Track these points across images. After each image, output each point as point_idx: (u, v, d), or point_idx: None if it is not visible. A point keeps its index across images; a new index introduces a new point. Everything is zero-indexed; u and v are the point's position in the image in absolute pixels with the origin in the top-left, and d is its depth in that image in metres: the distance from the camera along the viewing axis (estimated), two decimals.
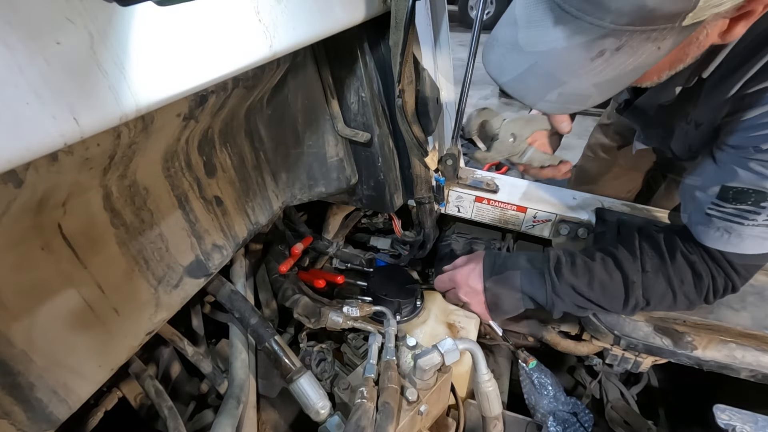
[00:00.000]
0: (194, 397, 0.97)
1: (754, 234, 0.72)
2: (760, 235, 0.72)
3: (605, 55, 0.51)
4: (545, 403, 1.04)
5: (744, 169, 0.68)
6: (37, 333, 0.53)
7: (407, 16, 0.74)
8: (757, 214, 0.69)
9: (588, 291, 0.88)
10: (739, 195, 0.70)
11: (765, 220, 0.69)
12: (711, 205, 0.74)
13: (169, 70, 0.41)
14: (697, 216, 0.79)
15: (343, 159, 1.01)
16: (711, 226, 0.76)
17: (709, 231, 0.77)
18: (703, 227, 0.78)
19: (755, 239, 0.73)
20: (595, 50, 0.50)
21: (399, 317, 1.04)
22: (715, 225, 0.75)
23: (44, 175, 0.45)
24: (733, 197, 0.71)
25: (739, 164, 0.69)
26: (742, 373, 0.95)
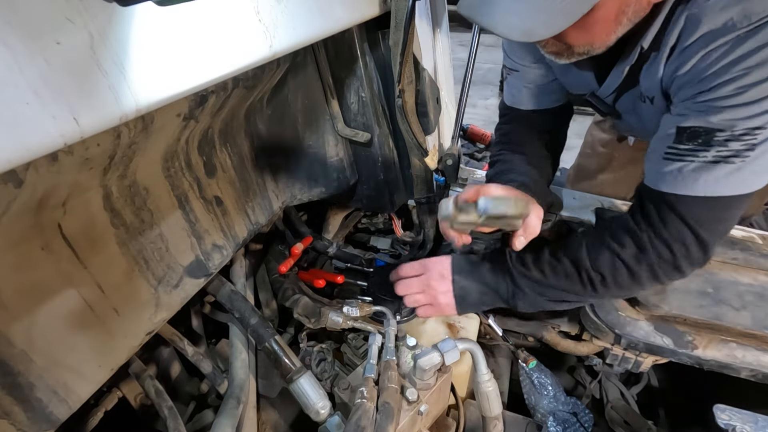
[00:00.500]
0: (194, 397, 0.97)
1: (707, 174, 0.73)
2: (715, 175, 0.73)
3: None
4: (545, 403, 1.04)
5: (694, 111, 0.73)
6: (37, 333, 0.53)
7: (407, 16, 0.74)
8: (707, 151, 0.72)
9: (542, 277, 0.90)
10: (692, 135, 0.73)
11: (715, 155, 0.71)
12: (667, 149, 0.77)
13: (169, 70, 0.41)
14: (654, 162, 0.80)
15: (343, 159, 1.01)
16: (666, 168, 0.77)
17: (665, 175, 0.78)
18: (659, 172, 0.79)
19: (707, 181, 0.73)
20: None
21: (399, 317, 1.04)
22: (670, 167, 0.76)
23: (44, 175, 0.45)
24: (687, 138, 0.74)
25: (689, 108, 0.74)
26: (742, 372, 0.95)
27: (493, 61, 6.50)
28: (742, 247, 1.09)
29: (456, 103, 1.14)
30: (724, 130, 0.70)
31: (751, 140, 0.69)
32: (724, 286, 1.02)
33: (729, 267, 1.08)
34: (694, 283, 1.03)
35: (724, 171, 0.72)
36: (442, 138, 1.20)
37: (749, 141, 0.69)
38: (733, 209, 0.78)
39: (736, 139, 0.69)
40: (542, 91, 1.07)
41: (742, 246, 1.09)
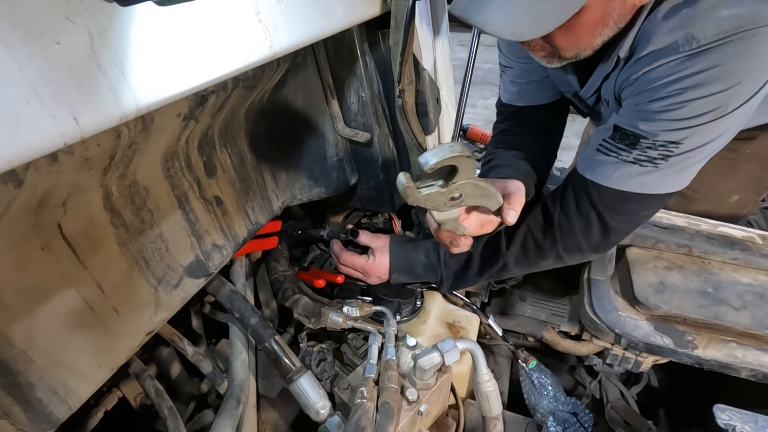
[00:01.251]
0: (194, 397, 0.97)
1: (623, 170, 0.81)
2: (628, 172, 0.81)
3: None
4: (545, 403, 1.04)
5: (631, 116, 0.79)
6: (37, 333, 0.52)
7: (407, 16, 0.74)
8: (629, 152, 0.79)
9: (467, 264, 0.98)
10: (623, 135, 0.80)
11: (635, 157, 0.79)
12: (602, 141, 0.83)
13: (169, 70, 0.41)
14: (588, 150, 0.87)
15: (343, 159, 1.01)
16: (595, 158, 0.84)
17: (592, 163, 0.85)
18: (589, 159, 0.86)
19: (622, 175, 0.81)
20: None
21: (399, 317, 1.04)
22: (598, 157, 0.84)
23: (44, 175, 0.45)
24: (619, 137, 0.80)
25: (628, 112, 0.80)
26: (742, 372, 0.95)
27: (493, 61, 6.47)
28: (742, 247, 1.09)
29: (456, 103, 1.14)
30: (648, 138, 0.77)
31: (667, 152, 0.77)
32: (724, 286, 1.02)
33: (729, 267, 1.08)
34: (694, 283, 1.03)
35: (636, 171, 0.80)
36: (442, 138, 1.20)
37: (665, 152, 0.77)
38: (637, 205, 0.86)
39: (655, 148, 0.77)
40: (536, 88, 1.09)
41: (742, 246, 1.09)
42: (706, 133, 0.75)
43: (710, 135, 0.76)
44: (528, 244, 0.93)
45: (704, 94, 0.70)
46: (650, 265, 1.08)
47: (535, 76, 1.07)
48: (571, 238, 0.90)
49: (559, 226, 0.90)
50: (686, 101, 0.71)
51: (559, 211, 0.90)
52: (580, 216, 0.88)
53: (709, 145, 0.77)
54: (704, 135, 0.75)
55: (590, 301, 1.05)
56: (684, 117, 0.73)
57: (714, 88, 0.70)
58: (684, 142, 0.75)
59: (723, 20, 0.66)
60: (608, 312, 1.02)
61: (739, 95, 0.71)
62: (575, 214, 0.88)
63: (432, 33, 1.04)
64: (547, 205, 0.93)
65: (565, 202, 0.90)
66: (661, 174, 0.79)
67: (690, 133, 0.74)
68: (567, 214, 0.89)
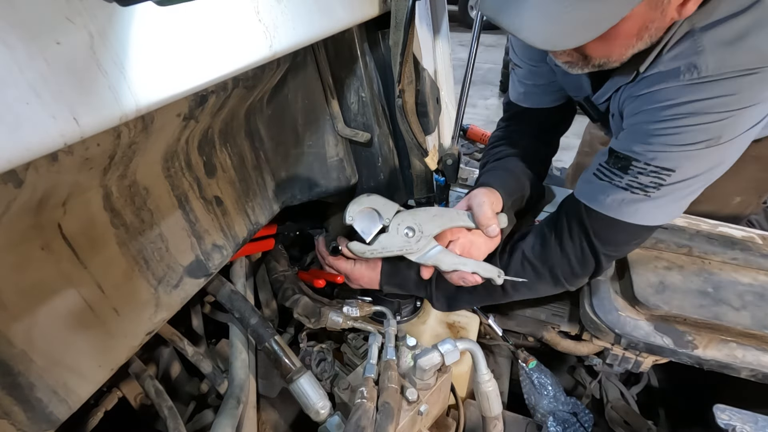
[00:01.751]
0: (194, 397, 0.97)
1: (615, 195, 0.81)
2: (620, 199, 0.81)
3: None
4: (545, 403, 1.04)
5: (627, 136, 0.79)
6: (37, 333, 0.52)
7: (407, 16, 0.74)
8: (621, 177, 0.79)
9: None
10: (617, 159, 0.80)
11: (627, 182, 0.79)
12: (599, 166, 0.84)
13: (169, 70, 0.41)
14: (586, 174, 0.88)
15: (343, 159, 1.01)
16: (591, 182, 0.85)
17: (587, 188, 0.86)
18: (586, 183, 0.87)
19: (613, 201, 0.82)
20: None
21: (399, 317, 1.04)
22: (593, 182, 0.84)
23: (44, 175, 0.45)
24: (614, 161, 0.81)
25: (625, 132, 0.80)
26: (742, 372, 0.95)
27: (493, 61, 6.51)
28: (742, 247, 1.09)
29: (456, 103, 1.14)
30: (640, 161, 0.77)
31: (659, 180, 0.76)
32: (724, 286, 1.02)
33: (729, 267, 1.08)
34: (694, 283, 1.03)
35: (628, 198, 0.80)
36: (442, 138, 1.20)
37: (657, 180, 0.76)
38: (626, 236, 0.86)
39: (647, 174, 0.77)
40: (542, 92, 1.08)
41: (742, 246, 1.09)
42: (698, 161, 0.75)
43: (702, 165, 0.76)
44: (526, 270, 0.93)
45: (699, 122, 0.71)
46: (650, 265, 1.08)
47: (541, 80, 1.06)
48: (567, 266, 0.91)
49: (554, 252, 0.91)
50: (681, 127, 0.72)
51: (554, 238, 0.91)
52: (573, 244, 0.89)
53: (701, 176, 0.77)
54: (696, 163, 0.76)
55: (590, 301, 1.05)
56: (677, 143, 0.73)
57: (708, 117, 0.70)
58: (676, 170, 0.75)
59: (727, 57, 0.67)
60: (608, 312, 1.02)
61: (732, 128, 0.72)
62: (568, 241, 0.89)
63: (432, 33, 1.04)
64: (544, 230, 0.93)
65: (560, 228, 0.91)
66: (652, 204, 0.80)
67: (682, 159, 0.75)
68: (561, 240, 0.90)
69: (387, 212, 0.81)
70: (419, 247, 0.82)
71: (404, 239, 0.81)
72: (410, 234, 0.81)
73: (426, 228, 0.82)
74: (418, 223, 0.81)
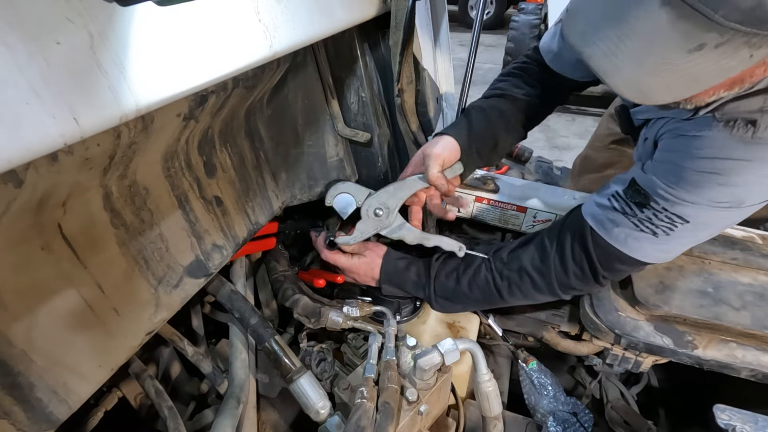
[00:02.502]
0: (194, 397, 0.97)
1: (624, 228, 0.80)
2: (627, 232, 0.80)
3: (703, 50, 0.48)
4: (545, 403, 1.04)
5: (652, 170, 0.76)
6: (37, 333, 0.52)
7: (407, 16, 0.75)
8: (635, 214, 0.78)
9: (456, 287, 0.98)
10: (636, 192, 0.78)
11: (639, 219, 0.77)
12: (614, 193, 0.81)
13: (169, 70, 0.41)
14: (600, 195, 0.86)
15: (343, 159, 1.01)
16: (603, 206, 0.83)
17: (598, 211, 0.84)
18: (596, 205, 0.85)
19: (621, 233, 0.81)
20: (695, 42, 0.48)
21: (399, 317, 1.04)
22: (605, 207, 0.82)
23: (44, 175, 0.45)
24: (632, 193, 0.78)
25: (652, 165, 0.77)
26: (742, 372, 0.95)
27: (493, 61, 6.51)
28: (742, 247, 1.09)
29: (456, 103, 1.14)
30: (659, 203, 0.75)
31: (670, 226, 0.75)
32: (724, 286, 1.02)
33: (729, 267, 1.08)
34: (694, 283, 1.03)
35: (635, 234, 0.79)
36: None
37: (669, 225, 0.76)
38: (624, 266, 0.87)
39: (660, 218, 0.75)
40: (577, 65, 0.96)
41: (742, 246, 1.09)
42: (716, 219, 0.74)
43: (717, 222, 0.75)
44: (523, 280, 0.93)
45: (731, 183, 0.68)
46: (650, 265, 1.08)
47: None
48: (565, 282, 0.91)
49: (554, 268, 0.90)
50: (712, 182, 0.69)
51: (555, 253, 0.90)
52: (574, 263, 0.88)
53: (711, 231, 0.77)
54: (713, 220, 0.74)
55: (590, 301, 1.05)
56: (702, 197, 0.71)
57: (741, 179, 0.68)
58: (691, 221, 0.74)
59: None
60: (608, 312, 1.02)
61: (759, 195, 0.70)
62: (570, 260, 0.88)
63: (432, 33, 1.04)
64: (544, 243, 0.92)
65: (562, 244, 0.89)
66: (656, 244, 0.79)
67: (700, 214, 0.73)
68: (563, 257, 0.89)
69: (359, 196, 0.93)
70: (389, 222, 0.94)
71: (375, 220, 0.93)
72: (380, 212, 0.93)
73: (390, 203, 0.92)
74: (383, 202, 0.92)
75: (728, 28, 0.46)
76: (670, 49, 0.50)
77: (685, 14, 0.47)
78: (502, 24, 8.09)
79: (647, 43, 0.50)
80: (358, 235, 0.95)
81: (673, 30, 0.48)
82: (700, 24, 0.47)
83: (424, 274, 1.00)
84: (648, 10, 0.49)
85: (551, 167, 2.14)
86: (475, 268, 0.96)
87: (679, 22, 0.47)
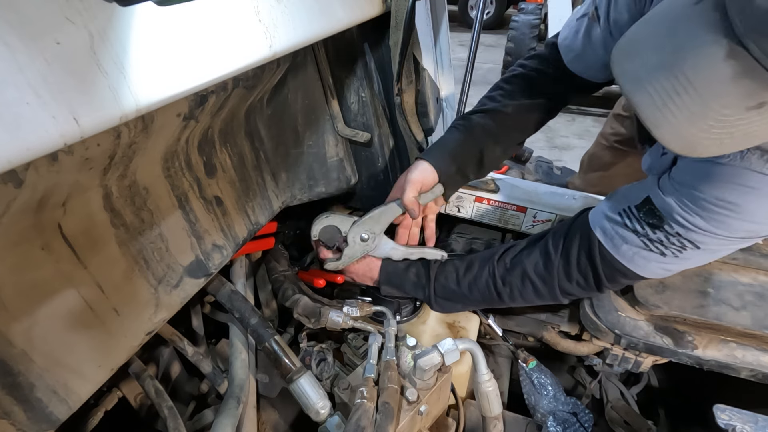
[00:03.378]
0: (194, 397, 0.97)
1: (633, 246, 0.79)
2: (636, 251, 0.79)
3: (762, 109, 0.46)
4: (545, 403, 1.04)
5: (669, 193, 0.73)
6: (37, 333, 0.52)
7: (407, 16, 0.75)
8: (646, 234, 0.77)
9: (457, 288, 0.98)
10: (650, 212, 0.76)
11: (650, 239, 0.76)
12: (627, 209, 0.80)
13: (169, 70, 0.41)
14: (609, 206, 0.83)
15: (343, 159, 1.01)
16: (612, 219, 0.81)
17: (606, 224, 0.82)
18: (605, 217, 0.83)
19: (629, 251, 0.80)
20: (756, 100, 0.45)
21: (399, 317, 1.04)
22: (614, 221, 0.81)
23: (44, 175, 0.45)
24: (646, 211, 0.76)
25: (670, 187, 0.74)
26: (742, 372, 0.95)
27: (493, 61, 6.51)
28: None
29: (456, 103, 1.14)
30: (673, 228, 0.73)
31: (680, 249, 0.75)
32: (724, 286, 1.02)
33: (729, 267, 1.07)
34: (694, 283, 1.03)
35: (644, 252, 0.78)
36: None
37: (679, 249, 0.75)
38: (629, 279, 0.87)
39: (672, 242, 0.74)
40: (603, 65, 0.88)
41: None
42: (726, 247, 0.73)
43: (726, 249, 0.74)
44: (525, 286, 0.93)
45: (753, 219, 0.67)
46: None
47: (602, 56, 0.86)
48: (568, 289, 0.91)
49: (558, 276, 0.89)
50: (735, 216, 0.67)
51: (560, 261, 0.89)
52: (579, 273, 0.87)
53: (717, 254, 0.76)
54: (722, 248, 0.73)
55: (590, 301, 1.05)
56: (718, 228, 0.69)
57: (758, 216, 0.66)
58: (702, 248, 0.73)
59: None
60: (608, 312, 1.02)
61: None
62: (575, 269, 0.87)
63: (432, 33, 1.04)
64: (548, 249, 0.90)
65: (567, 252, 0.88)
66: (662, 263, 0.79)
67: (713, 243, 0.72)
68: (568, 266, 0.88)
69: (344, 226, 0.96)
70: (376, 245, 0.98)
71: (362, 245, 0.97)
72: (365, 237, 0.96)
73: (375, 229, 0.96)
74: (368, 228, 0.96)
75: None
76: (727, 106, 0.47)
77: (750, 69, 0.44)
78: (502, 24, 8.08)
79: (705, 98, 0.47)
80: (347, 259, 0.98)
81: (735, 86, 0.45)
82: (764, 81, 0.44)
83: (423, 275, 1.00)
84: (711, 61, 0.45)
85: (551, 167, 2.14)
86: (476, 270, 0.96)
87: (742, 77, 0.45)
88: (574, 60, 0.91)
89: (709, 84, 0.46)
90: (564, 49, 0.92)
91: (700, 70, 0.46)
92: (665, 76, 0.49)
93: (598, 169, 1.68)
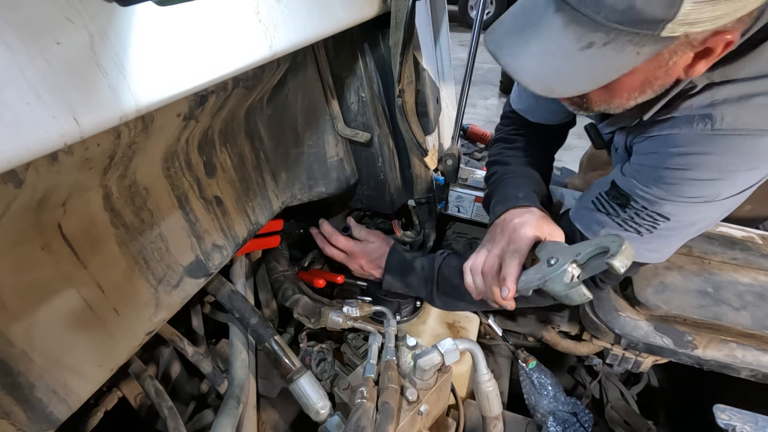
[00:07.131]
0: (194, 397, 0.97)
1: (610, 229, 0.81)
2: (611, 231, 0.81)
3: (593, 48, 0.56)
4: (545, 403, 1.04)
5: (631, 174, 0.79)
6: (37, 333, 0.52)
7: (407, 16, 0.74)
8: (618, 215, 0.80)
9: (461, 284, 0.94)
10: (617, 194, 0.80)
11: (623, 219, 0.79)
12: (598, 194, 0.84)
13: (169, 70, 0.41)
14: (584, 200, 0.88)
15: (343, 159, 1.01)
16: (588, 209, 0.85)
17: (584, 214, 0.86)
18: (582, 208, 0.87)
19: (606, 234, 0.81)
20: (585, 41, 0.56)
21: (399, 317, 1.04)
22: (590, 210, 0.84)
23: (44, 175, 0.45)
24: (614, 194, 0.81)
25: (631, 169, 0.80)
26: (742, 372, 0.95)
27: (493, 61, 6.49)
28: (742, 247, 1.09)
29: (456, 103, 1.14)
30: (638, 202, 0.77)
31: (653, 224, 0.78)
32: (724, 286, 1.02)
33: (729, 267, 1.08)
34: (694, 283, 1.03)
35: (622, 234, 0.79)
36: (442, 138, 1.20)
37: (652, 224, 0.78)
38: None
39: (642, 217, 0.78)
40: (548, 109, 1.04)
41: (742, 246, 1.09)
42: (695, 214, 0.76)
43: (698, 217, 0.76)
44: None
45: (702, 177, 0.70)
46: (650, 264, 1.08)
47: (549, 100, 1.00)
48: None
49: None
50: (685, 178, 0.72)
51: None
52: None
53: (695, 227, 0.78)
54: (692, 216, 0.76)
55: (590, 301, 1.05)
56: (677, 193, 0.73)
57: (712, 174, 0.70)
58: (671, 219, 0.76)
59: (741, 113, 0.65)
60: (608, 312, 1.02)
61: (733, 187, 0.71)
62: None
63: (432, 33, 1.04)
64: None
65: None
66: (643, 244, 0.80)
67: (679, 210, 0.75)
68: None
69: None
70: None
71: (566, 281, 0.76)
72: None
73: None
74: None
75: (611, 28, 0.53)
76: (565, 48, 0.57)
77: (575, 18, 0.55)
78: None
79: (548, 45, 0.59)
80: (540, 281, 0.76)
81: (566, 31, 0.57)
82: (587, 25, 0.55)
83: (428, 267, 1.01)
84: (545, 17, 0.58)
85: None
86: None
87: (570, 24, 0.56)
88: (531, 113, 1.06)
89: (548, 34, 0.58)
90: (521, 111, 1.07)
91: (540, 23, 0.59)
92: (517, 33, 0.62)
93: (597, 167, 1.69)
